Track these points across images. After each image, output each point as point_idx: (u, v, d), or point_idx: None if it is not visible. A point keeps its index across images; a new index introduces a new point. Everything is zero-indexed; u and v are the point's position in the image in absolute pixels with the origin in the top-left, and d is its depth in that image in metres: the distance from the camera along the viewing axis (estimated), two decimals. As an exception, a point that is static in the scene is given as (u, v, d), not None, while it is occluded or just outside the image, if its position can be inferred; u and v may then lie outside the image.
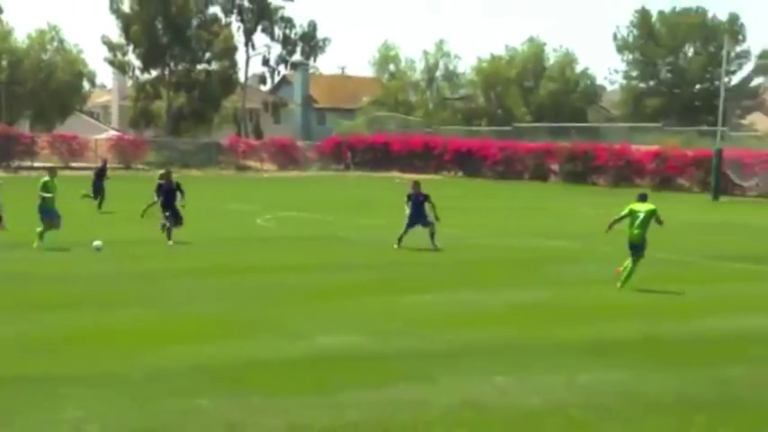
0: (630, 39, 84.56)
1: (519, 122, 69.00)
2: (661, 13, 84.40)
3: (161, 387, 10.59)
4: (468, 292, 17.62)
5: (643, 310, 15.95)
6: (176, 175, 26.71)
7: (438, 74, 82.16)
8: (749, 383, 11.36)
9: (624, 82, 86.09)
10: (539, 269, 20.96)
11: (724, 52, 54.45)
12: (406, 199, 23.85)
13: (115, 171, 56.69)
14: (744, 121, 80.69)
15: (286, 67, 77.65)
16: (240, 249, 22.96)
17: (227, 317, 14.63)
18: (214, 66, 70.60)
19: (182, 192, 24.18)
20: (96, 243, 21.27)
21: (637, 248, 18.12)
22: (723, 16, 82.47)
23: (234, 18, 73.62)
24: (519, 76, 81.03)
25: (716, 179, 45.13)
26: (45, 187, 22.38)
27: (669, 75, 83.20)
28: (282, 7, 74.61)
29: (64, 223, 22.43)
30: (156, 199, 25.48)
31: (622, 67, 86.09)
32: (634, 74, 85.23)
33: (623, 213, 18.47)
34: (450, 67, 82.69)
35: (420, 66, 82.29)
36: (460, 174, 60.72)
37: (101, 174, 33.02)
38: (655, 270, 21.04)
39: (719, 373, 11.77)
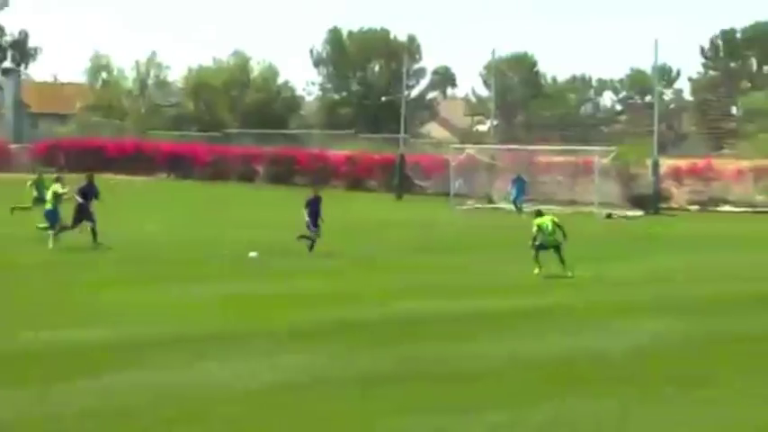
0: (325, 55, 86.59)
1: (227, 129, 68.77)
2: (350, 32, 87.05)
3: None
4: (182, 284, 17.47)
5: (339, 298, 16.51)
6: None
7: (149, 82, 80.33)
8: (432, 359, 12.05)
9: (320, 93, 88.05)
10: (248, 262, 21.11)
11: (404, 69, 57.14)
12: (305, 204, 22.94)
13: None
14: (422, 130, 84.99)
15: (-4, 73, 73.02)
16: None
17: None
18: None
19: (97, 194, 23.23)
20: (252, 254, 21.05)
21: (555, 248, 19.73)
22: (403, 37, 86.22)
23: (-58, 24, 68.22)
24: (226, 86, 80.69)
25: (399, 180, 47.27)
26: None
27: (359, 87, 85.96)
28: (-7, 16, 70.11)
29: None
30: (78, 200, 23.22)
31: (319, 80, 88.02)
32: (329, 86, 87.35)
33: (534, 231, 19.88)
34: (161, 76, 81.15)
35: (132, 74, 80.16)
36: (172, 176, 59.68)
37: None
38: (348, 262, 21.80)
39: (406, 351, 12.41)
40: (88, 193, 23.12)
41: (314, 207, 22.94)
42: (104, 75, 79.99)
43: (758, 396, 10.39)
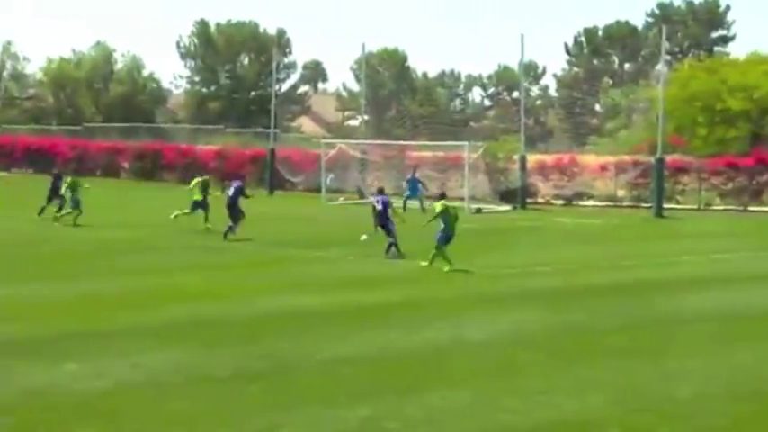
0: (192, 47, 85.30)
1: (89, 122, 66.87)
2: (218, 24, 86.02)
3: None
4: (38, 284, 16.92)
5: (207, 295, 16.30)
6: None
7: (5, 74, 77.36)
8: (301, 354, 12.03)
9: (188, 86, 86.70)
10: (108, 260, 20.63)
11: (274, 63, 56.84)
12: (374, 208, 22.31)
13: None
14: (293, 124, 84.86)
15: None
16: None
17: None
18: None
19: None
20: (364, 237, 22.13)
21: (452, 236, 19.49)
22: (272, 30, 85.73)
23: None
24: (88, 78, 78.60)
25: (270, 176, 46.97)
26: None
27: (228, 81, 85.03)
28: None
29: None
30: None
31: (186, 73, 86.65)
32: (197, 79, 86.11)
33: (439, 211, 19.64)
34: (19, 68, 78.35)
35: (-13, 65, 77.08)
36: (31, 171, 57.62)
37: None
38: (219, 258, 21.56)
39: (268, 347, 12.36)
40: (239, 191, 25.99)
41: (382, 213, 22.31)
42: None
43: (569, 388, 10.59)
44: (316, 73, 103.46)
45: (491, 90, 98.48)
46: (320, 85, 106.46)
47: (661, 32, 43.35)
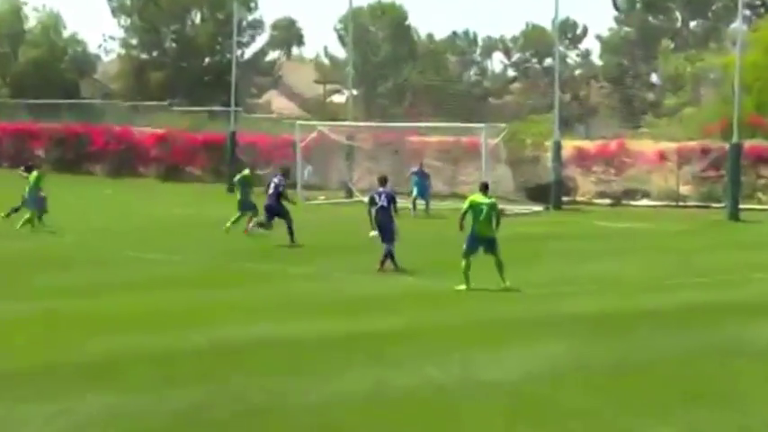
0: (128, 1, 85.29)
1: (-7, 97, 67.11)
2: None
3: None
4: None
5: (156, 319, 16.49)
6: None
7: None
8: (267, 396, 12.18)
9: (123, 51, 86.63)
10: (27, 276, 20.85)
11: (234, 21, 56.77)
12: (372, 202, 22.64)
13: None
14: (260, 101, 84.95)
15: None
16: None
17: None
18: None
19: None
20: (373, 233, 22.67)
21: (488, 242, 19.81)
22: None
23: None
24: (-9, 41, 78.76)
25: (230, 167, 47.04)
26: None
27: (175, 45, 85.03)
28: None
29: None
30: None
31: (120, 33, 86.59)
32: (134, 42, 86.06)
33: (465, 207, 20.08)
34: None
35: None
36: None
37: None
38: (169, 273, 21.75)
39: (234, 388, 12.48)
40: (278, 190, 26.96)
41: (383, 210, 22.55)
42: None
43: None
44: (289, 34, 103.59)
45: (516, 56, 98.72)
46: (295, 51, 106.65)
47: (737, -19, 43.59)
